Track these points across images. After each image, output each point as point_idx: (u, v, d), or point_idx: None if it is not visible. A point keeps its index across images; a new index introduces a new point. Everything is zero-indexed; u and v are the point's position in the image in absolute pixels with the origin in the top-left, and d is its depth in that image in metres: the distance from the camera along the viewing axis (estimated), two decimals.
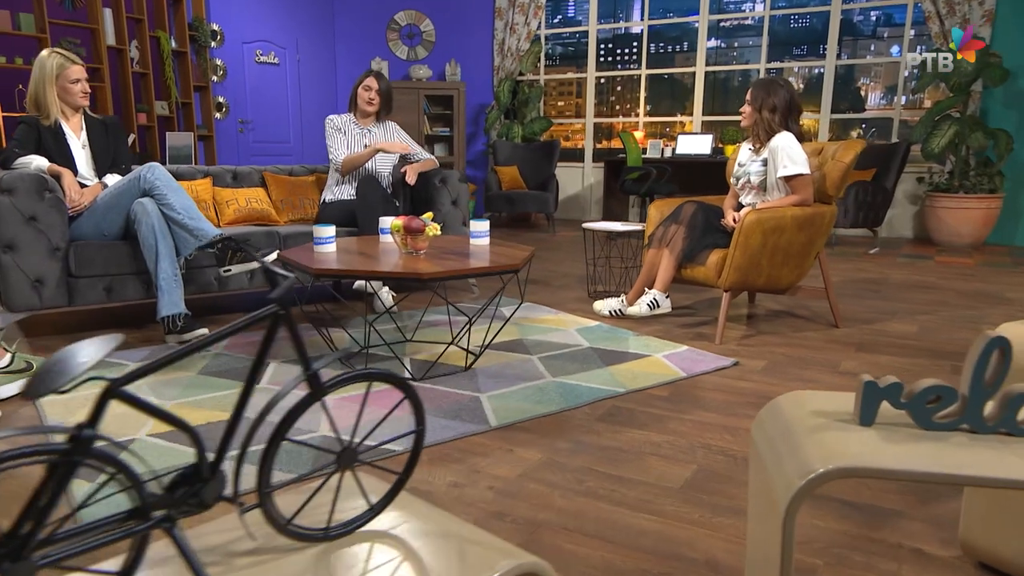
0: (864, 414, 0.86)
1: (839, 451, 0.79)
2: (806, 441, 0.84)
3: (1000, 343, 0.83)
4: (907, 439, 0.82)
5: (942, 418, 0.85)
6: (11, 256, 2.69)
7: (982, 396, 0.84)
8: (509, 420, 2.14)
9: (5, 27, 5.39)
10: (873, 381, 0.85)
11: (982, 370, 0.83)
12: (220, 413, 2.14)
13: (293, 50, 7.53)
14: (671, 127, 8.17)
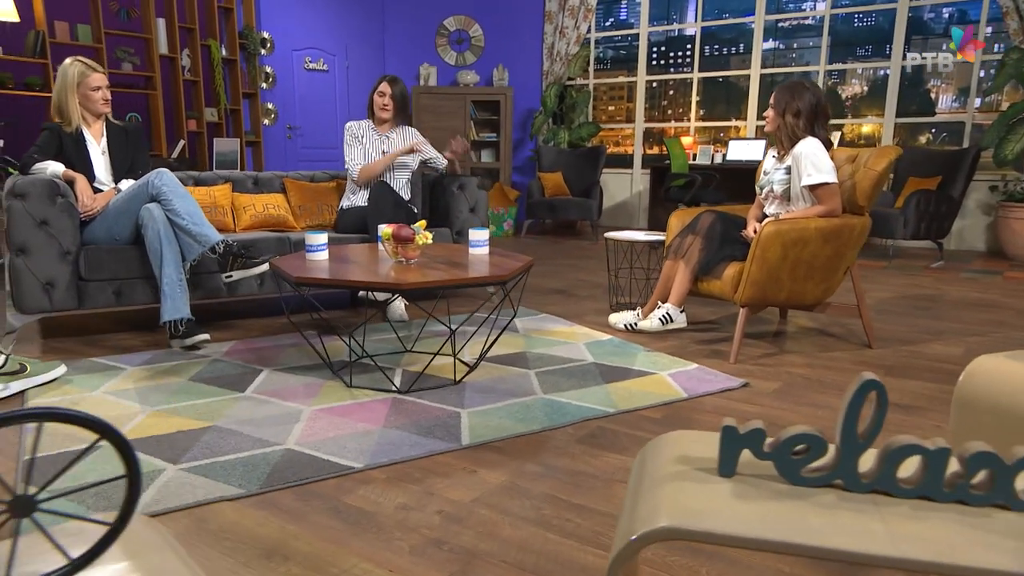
0: (723, 464, 0.73)
1: (674, 507, 0.67)
2: (653, 491, 0.72)
3: (873, 386, 0.69)
4: (763, 496, 0.69)
5: (811, 472, 0.71)
6: (23, 259, 2.76)
7: (856, 448, 0.70)
8: (483, 439, 2.04)
9: (64, 38, 5.63)
10: (733, 427, 0.72)
11: (854, 418, 0.69)
12: (194, 422, 2.12)
13: (342, 57, 7.63)
14: (725, 132, 7.89)
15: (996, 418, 1.16)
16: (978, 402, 1.18)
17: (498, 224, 7.04)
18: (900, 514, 0.66)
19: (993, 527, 0.63)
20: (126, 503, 0.74)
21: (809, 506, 0.67)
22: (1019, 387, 1.13)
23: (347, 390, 2.42)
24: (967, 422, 1.20)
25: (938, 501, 0.68)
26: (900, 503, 0.68)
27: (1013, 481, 0.66)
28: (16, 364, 2.34)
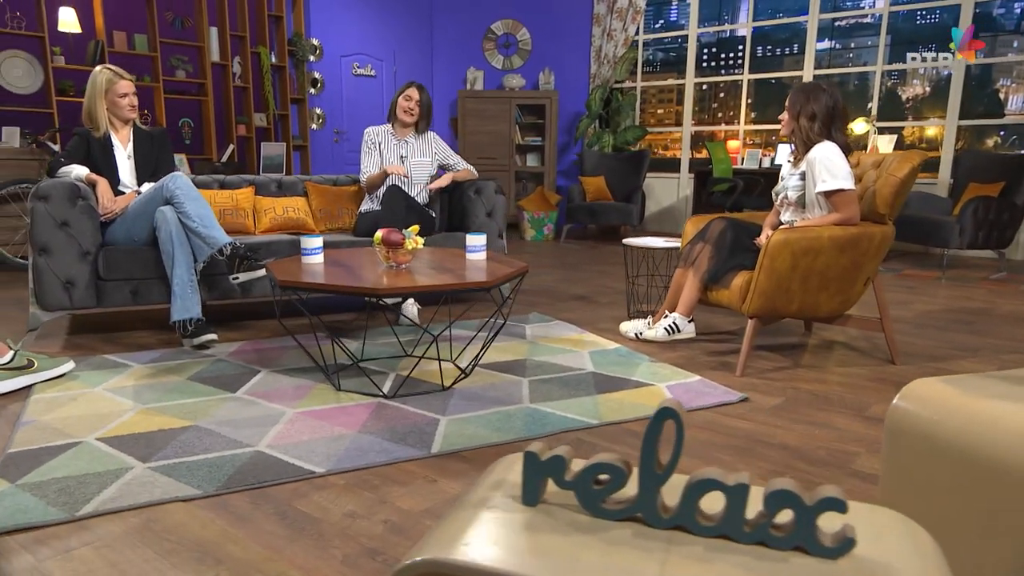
0: (526, 492, 0.68)
1: (446, 536, 0.63)
2: (452, 516, 0.68)
3: (669, 415, 0.63)
4: (552, 529, 0.64)
5: (612, 504, 0.66)
6: (45, 259, 2.89)
7: (654, 481, 0.64)
8: (454, 448, 2.01)
9: (122, 47, 5.89)
10: (534, 452, 0.67)
11: (651, 448, 0.64)
12: (177, 421, 2.17)
13: (390, 62, 7.73)
14: (776, 135, 7.64)
15: (927, 446, 1.07)
16: (910, 429, 1.09)
17: (538, 228, 7.00)
18: (689, 555, 0.60)
19: (786, 574, 0.57)
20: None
21: (594, 541, 0.62)
22: (951, 413, 1.04)
23: (336, 393, 2.44)
24: (898, 451, 1.11)
25: (740, 541, 0.62)
26: (697, 542, 0.62)
27: (814, 523, 0.60)
28: (24, 359, 2.45)
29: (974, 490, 0.99)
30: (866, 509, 0.69)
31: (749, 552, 0.60)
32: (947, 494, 1.03)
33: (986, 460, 0.97)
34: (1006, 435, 0.95)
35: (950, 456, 1.02)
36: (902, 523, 0.67)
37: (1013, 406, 1.01)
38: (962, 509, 1.01)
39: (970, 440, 0.99)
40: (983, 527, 0.98)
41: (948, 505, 1.03)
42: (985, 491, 0.97)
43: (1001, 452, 0.95)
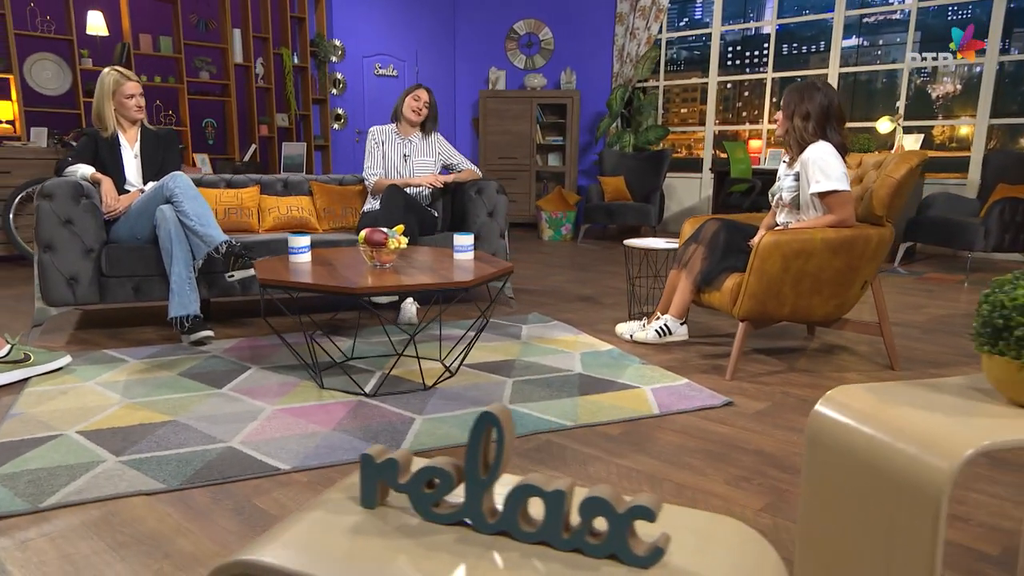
0: (364, 494, 0.68)
1: (273, 539, 0.63)
2: (289, 518, 0.68)
3: (490, 420, 0.62)
4: (378, 532, 0.63)
5: (445, 509, 0.65)
6: (49, 256, 2.98)
7: (479, 485, 0.63)
8: (423, 446, 2.02)
9: (147, 49, 6.03)
10: (369, 455, 0.67)
11: (475, 453, 0.63)
12: (158, 416, 2.21)
13: (412, 62, 7.79)
14: None
15: (840, 455, 1.04)
16: (826, 437, 1.06)
17: (555, 228, 6.98)
18: (503, 561, 0.59)
19: None
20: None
21: (412, 545, 0.61)
22: (863, 421, 1.01)
23: (318, 391, 2.46)
24: (816, 458, 1.08)
25: (558, 548, 0.61)
26: (517, 548, 0.61)
27: (626, 531, 0.58)
28: (21, 353, 2.52)
29: (877, 502, 0.96)
30: (706, 518, 0.67)
31: (562, 559, 0.59)
32: (855, 505, 1.00)
33: (887, 472, 0.94)
34: (906, 447, 0.92)
35: (858, 466, 0.99)
36: (739, 534, 0.66)
37: (922, 416, 0.97)
38: (867, 521, 0.98)
39: (875, 450, 0.97)
40: (886, 542, 0.95)
41: (856, 516, 1.01)
42: (886, 504, 0.95)
43: (900, 465, 0.92)
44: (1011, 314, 0.98)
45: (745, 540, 0.66)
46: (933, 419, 0.97)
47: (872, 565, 0.98)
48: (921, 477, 0.89)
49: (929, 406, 1.02)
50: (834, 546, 1.05)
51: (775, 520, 1.64)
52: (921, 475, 0.90)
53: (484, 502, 0.63)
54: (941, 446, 0.90)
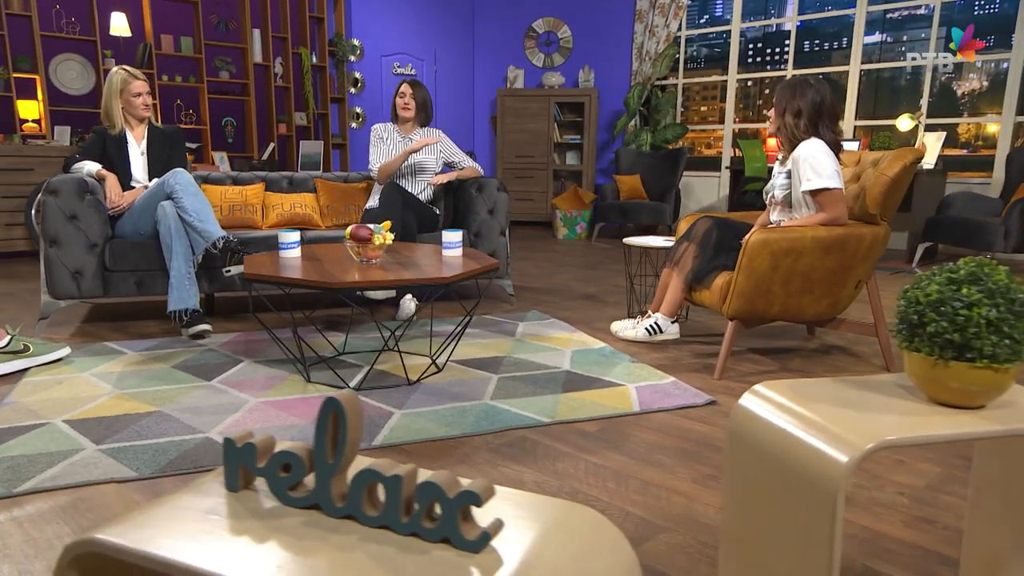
0: (227, 477, 0.69)
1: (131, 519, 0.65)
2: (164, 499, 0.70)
3: (334, 405, 0.63)
4: (233, 514, 0.65)
5: (297, 492, 0.67)
6: (55, 250, 3.06)
7: (327, 470, 0.64)
8: (397, 441, 2.04)
9: (168, 49, 6.16)
10: (231, 439, 0.69)
11: (322, 439, 0.64)
12: (144, 406, 2.26)
13: (431, 61, 7.83)
14: None
15: (755, 450, 1.03)
16: (745, 431, 1.05)
17: (570, 227, 6.97)
18: (338, 543, 0.60)
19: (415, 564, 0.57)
20: None
21: (257, 527, 0.62)
22: (778, 417, 1.00)
23: (304, 385, 2.50)
24: (735, 453, 1.07)
25: (398, 532, 0.62)
26: (360, 531, 0.62)
27: (456, 516, 0.59)
28: (20, 344, 2.60)
29: (784, 495, 0.95)
30: (564, 507, 0.67)
31: (398, 543, 0.60)
32: (767, 497, 0.99)
33: (794, 465, 0.93)
34: (812, 441, 0.91)
35: (769, 460, 0.99)
36: (591, 523, 0.66)
37: (835, 412, 0.96)
38: (776, 514, 0.97)
39: (785, 444, 0.96)
40: (792, 534, 0.94)
41: (767, 509, 1.00)
42: (792, 497, 0.94)
43: (804, 458, 0.91)
44: (925, 310, 0.96)
45: (595, 529, 0.66)
46: (844, 415, 0.96)
47: (781, 558, 0.97)
48: (821, 471, 0.89)
49: (846, 403, 1.01)
50: (750, 538, 1.04)
51: None
52: (821, 469, 0.89)
53: (333, 487, 0.64)
54: (843, 441, 0.89)
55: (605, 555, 0.64)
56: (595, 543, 0.64)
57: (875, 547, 1.51)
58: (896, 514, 1.66)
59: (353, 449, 0.64)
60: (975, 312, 0.92)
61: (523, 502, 0.68)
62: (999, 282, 0.94)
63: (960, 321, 0.93)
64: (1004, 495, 1.15)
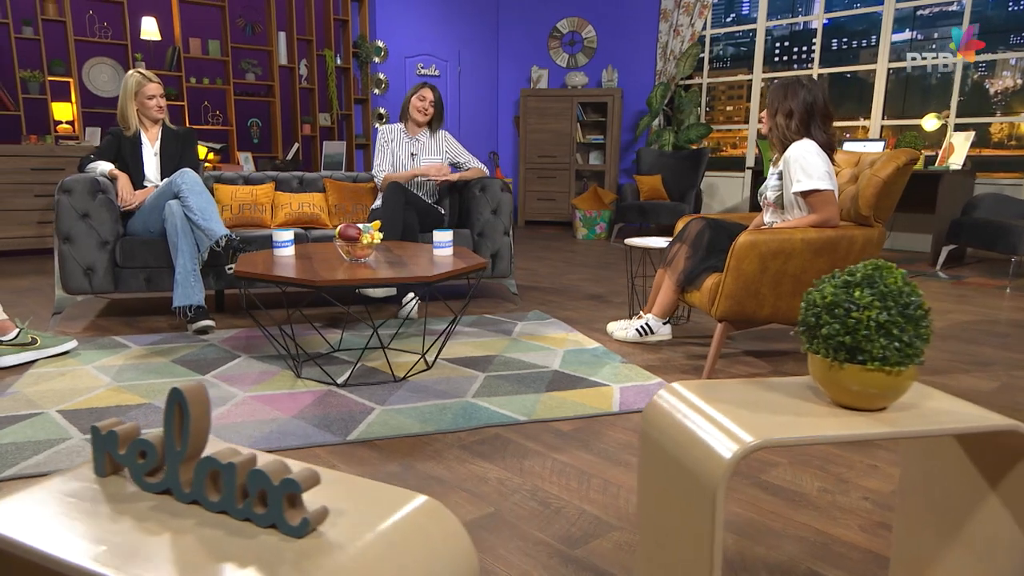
0: (95, 463, 0.73)
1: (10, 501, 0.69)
2: (35, 482, 0.74)
3: (177, 397, 0.67)
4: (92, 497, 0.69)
5: (153, 478, 0.70)
6: (68, 247, 3.18)
7: (175, 457, 0.68)
8: (371, 436, 2.08)
9: (196, 52, 6.33)
10: (97, 427, 0.73)
11: (169, 427, 0.68)
12: (137, 399, 2.35)
13: (455, 62, 7.89)
14: (852, 132, 7.23)
15: (659, 447, 1.05)
16: (651, 430, 1.06)
17: (590, 227, 6.96)
18: (176, 527, 0.63)
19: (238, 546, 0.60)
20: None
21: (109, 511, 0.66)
22: (682, 416, 1.01)
23: (294, 380, 2.56)
24: (645, 451, 1.09)
25: (235, 517, 0.65)
26: (201, 515, 0.66)
27: (281, 502, 0.62)
28: (28, 337, 2.71)
29: (678, 491, 0.97)
30: (399, 494, 0.70)
31: (229, 527, 0.63)
32: (666, 493, 1.01)
33: (686, 463, 0.94)
34: (705, 439, 0.92)
35: (668, 457, 1.00)
36: (430, 514, 0.68)
37: (733, 412, 0.97)
38: (673, 510, 0.99)
39: (681, 442, 0.97)
40: (683, 530, 0.96)
41: (666, 504, 1.01)
42: (682, 493, 0.95)
43: (693, 456, 0.92)
44: (821, 313, 0.96)
45: (432, 517, 0.68)
46: (742, 415, 0.97)
47: (675, 552, 0.99)
48: (705, 467, 0.90)
49: (749, 403, 1.02)
50: (655, 532, 1.06)
51: None
52: (706, 465, 0.90)
53: (181, 473, 0.68)
54: (729, 439, 0.90)
55: (436, 542, 0.66)
56: (427, 531, 0.67)
57: (825, 550, 1.50)
58: (856, 519, 1.64)
59: (199, 437, 0.68)
60: (865, 315, 0.92)
61: (366, 491, 0.71)
62: (892, 285, 0.93)
63: (851, 324, 0.93)
64: (926, 496, 1.14)
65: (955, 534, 1.08)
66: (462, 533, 0.70)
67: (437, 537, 0.67)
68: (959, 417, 0.95)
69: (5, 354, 2.65)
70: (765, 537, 1.56)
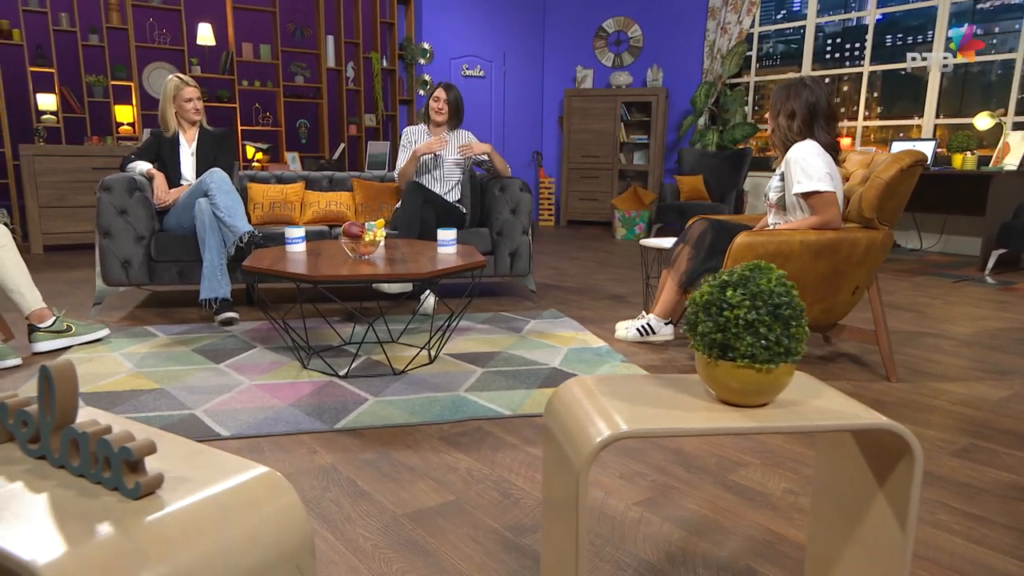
0: None
1: None
2: None
3: (45, 373, 0.75)
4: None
5: (33, 445, 0.79)
6: (107, 241, 3.40)
7: (46, 427, 0.77)
8: (358, 425, 2.17)
9: (248, 56, 6.60)
10: None
11: (43, 399, 0.76)
12: (152, 384, 2.50)
13: (500, 63, 7.98)
14: (906, 132, 6.99)
15: (551, 436, 1.09)
16: (550, 419, 1.11)
17: (628, 228, 6.94)
18: (36, 487, 0.72)
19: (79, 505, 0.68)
20: None
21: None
22: (569, 408, 1.05)
23: (299, 371, 2.68)
24: (546, 442, 1.13)
25: (90, 480, 0.73)
26: (64, 478, 0.74)
27: (121, 467, 0.70)
28: (64, 324, 2.92)
29: (560, 478, 1.02)
30: (242, 464, 0.77)
31: (82, 488, 0.72)
32: (555, 478, 1.06)
33: (566, 451, 0.99)
34: (584, 429, 0.97)
35: (556, 445, 1.04)
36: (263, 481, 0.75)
37: (617, 406, 1.01)
38: (555, 494, 1.04)
39: (564, 432, 1.02)
40: (560, 513, 1.00)
41: (554, 489, 1.06)
42: (562, 481, 1.00)
43: (572, 445, 0.97)
44: (698, 311, 0.99)
45: (269, 488, 0.75)
46: (622, 407, 1.00)
47: (556, 536, 1.04)
48: (573, 455, 0.94)
49: (637, 397, 1.05)
50: (548, 516, 1.11)
51: (642, 514, 1.66)
52: (574, 453, 0.94)
53: (52, 441, 0.77)
54: (597, 430, 0.94)
55: (266, 510, 0.73)
56: (260, 499, 0.74)
57: (770, 549, 1.51)
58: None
59: (66, 409, 0.77)
60: (735, 313, 0.95)
61: (216, 461, 0.78)
62: (764, 286, 0.96)
63: (722, 322, 0.96)
64: (832, 494, 1.15)
65: (851, 532, 1.10)
66: (297, 504, 0.76)
67: (268, 506, 0.74)
68: (836, 415, 0.97)
69: (42, 340, 2.86)
70: (713, 534, 1.58)
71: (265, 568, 0.71)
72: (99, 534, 0.64)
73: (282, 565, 0.73)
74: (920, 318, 3.68)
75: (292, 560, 0.74)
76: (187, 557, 0.65)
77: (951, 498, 1.75)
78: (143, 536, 0.65)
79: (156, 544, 0.65)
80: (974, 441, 2.10)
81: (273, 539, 0.73)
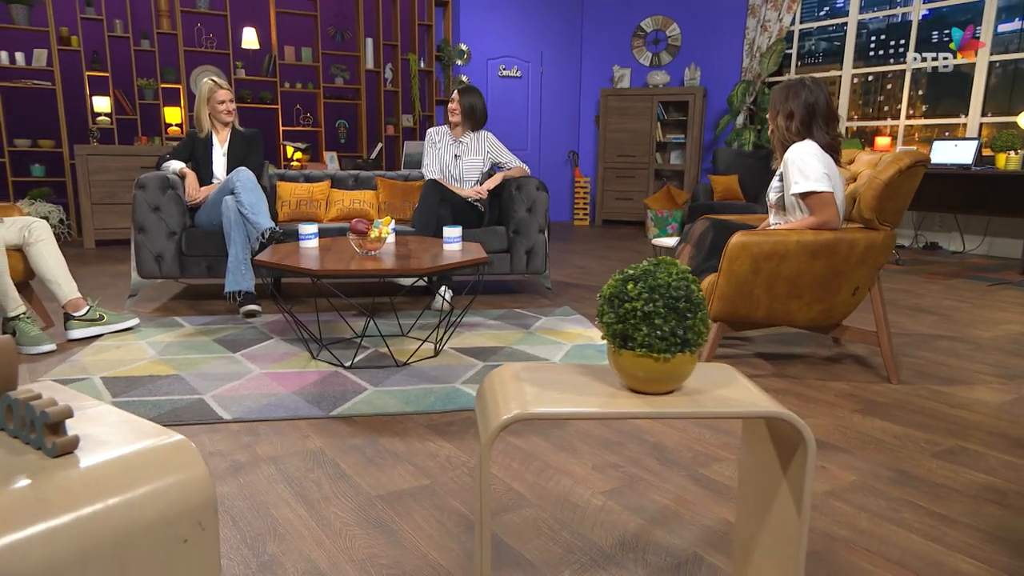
0: None
1: None
2: None
3: None
4: None
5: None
6: (142, 236, 3.59)
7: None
8: (352, 413, 2.27)
9: (291, 59, 6.82)
10: None
11: None
12: (169, 370, 2.66)
13: (537, 63, 8.04)
14: (951, 131, 6.79)
15: (477, 414, 1.16)
16: (478, 401, 1.18)
17: (661, 227, 6.92)
18: None
19: (6, 461, 0.79)
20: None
21: None
22: (496, 390, 1.12)
23: (308, 361, 2.80)
24: (477, 415, 1.20)
25: (25, 442, 0.83)
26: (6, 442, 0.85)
27: (41, 430, 0.79)
28: (96, 313, 3.11)
29: (478, 460, 1.08)
30: (157, 431, 0.86)
31: (14, 448, 0.82)
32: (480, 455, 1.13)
33: (479, 435, 1.06)
34: (496, 409, 1.04)
35: (481, 423, 1.11)
36: (174, 446, 0.84)
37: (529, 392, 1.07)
38: (477, 470, 1.10)
39: (481, 414, 1.08)
40: (479, 488, 1.07)
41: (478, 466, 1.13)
42: (478, 463, 1.07)
43: (481, 428, 1.04)
44: (604, 304, 1.05)
45: (178, 453, 0.84)
46: (532, 393, 1.07)
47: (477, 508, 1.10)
48: (482, 436, 1.01)
49: (551, 384, 1.11)
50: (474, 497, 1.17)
51: (604, 502, 1.71)
52: (483, 434, 1.01)
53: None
54: (501, 412, 1.00)
55: (171, 471, 0.82)
56: (166, 461, 0.83)
57: (722, 539, 1.54)
58: None
59: (6, 382, 0.87)
60: (633, 305, 1.00)
61: (136, 428, 0.88)
62: (663, 280, 1.01)
63: (623, 313, 1.01)
64: (751, 480, 1.19)
65: (764, 517, 1.14)
66: (202, 467, 0.85)
67: (175, 468, 0.83)
68: (733, 403, 1.01)
69: (76, 328, 3.05)
70: (670, 523, 1.62)
71: (165, 522, 0.80)
72: (13, 485, 0.74)
73: (184, 520, 0.82)
74: (942, 321, 3.61)
75: (193, 516, 0.83)
76: (89, 507, 0.75)
77: (920, 497, 1.75)
78: (50, 488, 0.74)
79: (61, 494, 0.74)
80: (960, 443, 2.08)
81: (176, 497, 0.82)
